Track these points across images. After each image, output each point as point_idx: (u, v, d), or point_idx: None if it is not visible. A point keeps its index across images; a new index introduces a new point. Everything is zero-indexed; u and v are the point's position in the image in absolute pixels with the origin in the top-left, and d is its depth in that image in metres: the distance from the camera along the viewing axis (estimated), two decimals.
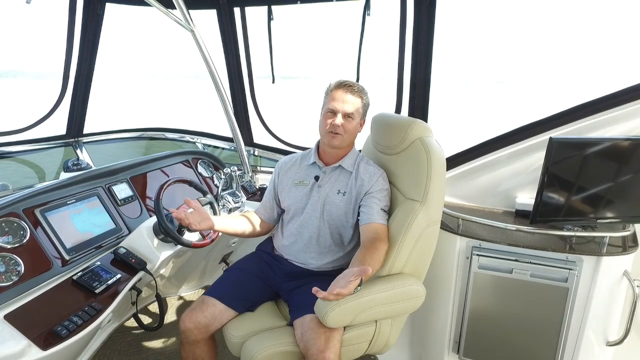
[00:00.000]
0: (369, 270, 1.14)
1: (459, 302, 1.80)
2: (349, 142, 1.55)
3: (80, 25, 2.32)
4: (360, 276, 1.15)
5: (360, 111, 1.51)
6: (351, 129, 1.50)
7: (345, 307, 1.28)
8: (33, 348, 1.22)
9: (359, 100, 1.49)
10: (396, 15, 1.96)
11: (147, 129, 3.10)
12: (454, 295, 1.81)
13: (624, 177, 1.58)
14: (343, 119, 1.47)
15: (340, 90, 1.48)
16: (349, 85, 1.49)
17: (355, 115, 1.49)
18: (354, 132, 1.53)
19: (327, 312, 1.27)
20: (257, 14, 2.29)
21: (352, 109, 1.47)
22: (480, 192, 1.99)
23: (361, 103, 1.50)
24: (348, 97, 1.47)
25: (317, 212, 1.55)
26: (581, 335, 1.66)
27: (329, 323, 1.28)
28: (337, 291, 1.13)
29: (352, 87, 1.48)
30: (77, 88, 2.52)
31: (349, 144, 1.56)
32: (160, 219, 1.65)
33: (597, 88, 2.34)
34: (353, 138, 1.56)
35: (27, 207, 1.55)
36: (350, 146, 1.58)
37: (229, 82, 2.56)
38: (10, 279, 1.36)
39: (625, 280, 1.60)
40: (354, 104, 1.48)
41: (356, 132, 1.55)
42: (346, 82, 1.50)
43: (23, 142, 2.49)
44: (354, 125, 1.50)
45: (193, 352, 1.48)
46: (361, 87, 1.52)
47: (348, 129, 1.48)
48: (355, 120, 1.50)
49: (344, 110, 1.46)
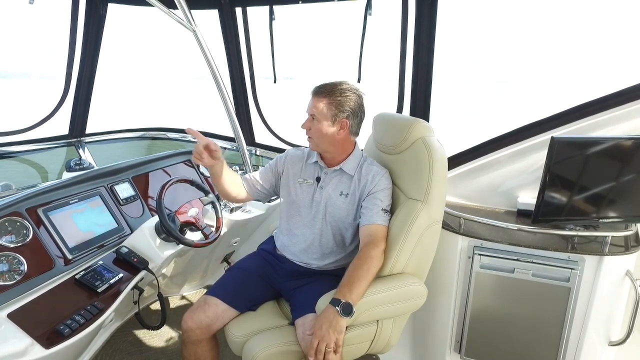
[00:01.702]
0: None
1: (461, 301, 1.80)
2: (329, 146, 1.49)
3: (83, 25, 2.33)
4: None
5: (326, 112, 1.42)
6: (317, 131, 1.45)
7: None
8: (36, 346, 1.23)
9: (324, 100, 1.43)
10: (398, 14, 1.96)
11: (149, 128, 3.11)
12: (456, 295, 1.80)
13: (627, 177, 1.57)
14: (309, 122, 1.46)
15: (311, 93, 1.47)
16: (318, 87, 1.46)
17: (319, 116, 1.43)
18: (325, 135, 1.45)
19: None
20: (259, 14, 2.30)
21: (314, 110, 1.44)
22: (482, 192, 1.99)
23: (327, 103, 1.42)
24: (314, 100, 1.45)
25: (320, 213, 1.54)
26: (583, 335, 1.65)
27: None
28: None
29: (321, 89, 1.45)
30: (80, 88, 2.53)
31: (333, 148, 1.50)
32: (162, 218, 1.65)
33: (599, 87, 2.34)
34: (331, 141, 1.47)
35: (30, 207, 1.56)
36: (344, 150, 1.52)
37: (231, 82, 2.56)
38: (13, 278, 1.37)
39: (627, 280, 1.59)
40: (317, 105, 1.43)
41: (330, 134, 1.45)
42: (320, 84, 1.47)
43: (26, 142, 2.50)
44: (319, 127, 1.44)
45: (195, 352, 1.48)
46: (337, 87, 1.44)
47: (313, 132, 1.46)
48: (321, 122, 1.43)
49: (309, 112, 1.47)
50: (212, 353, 1.52)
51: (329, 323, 1.22)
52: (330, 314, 1.23)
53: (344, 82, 1.47)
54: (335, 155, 1.53)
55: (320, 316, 1.25)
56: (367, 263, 1.32)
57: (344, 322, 1.23)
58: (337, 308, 1.23)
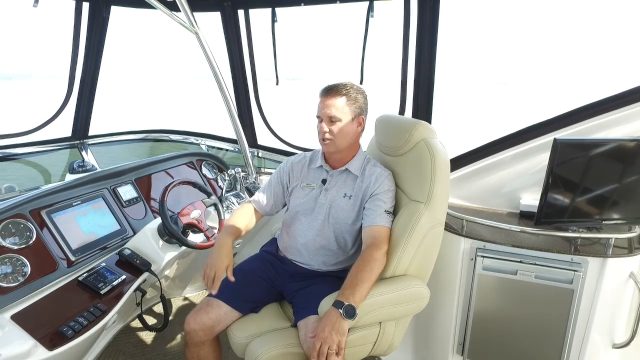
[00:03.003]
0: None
1: (464, 303, 1.80)
2: (348, 144, 1.50)
3: (86, 27, 2.34)
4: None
5: (347, 109, 1.44)
6: (340, 131, 1.45)
7: None
8: (39, 348, 1.23)
9: (342, 99, 1.44)
10: (400, 16, 1.96)
11: (152, 130, 3.12)
12: (459, 297, 1.80)
13: (630, 178, 1.57)
14: (329, 124, 1.45)
15: (323, 95, 1.47)
16: (330, 88, 1.46)
17: (340, 115, 1.43)
18: (348, 133, 1.47)
19: None
20: (261, 16, 2.30)
21: (334, 111, 1.43)
22: (484, 194, 1.99)
23: (346, 101, 1.44)
24: (330, 100, 1.44)
25: (323, 215, 1.54)
26: (587, 337, 1.65)
27: None
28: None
29: (334, 89, 1.45)
30: (83, 90, 2.53)
31: (349, 146, 1.51)
32: (165, 220, 1.66)
33: (601, 89, 2.33)
34: (351, 139, 1.50)
35: (33, 209, 1.56)
36: (353, 148, 1.54)
37: (233, 84, 2.57)
38: (16, 280, 1.38)
39: (631, 282, 1.59)
40: (336, 104, 1.43)
41: (352, 132, 1.48)
42: (329, 85, 1.47)
43: (29, 144, 2.51)
44: (342, 126, 1.45)
45: (198, 353, 1.48)
46: (347, 86, 1.45)
47: (336, 132, 1.45)
48: (343, 121, 1.44)
49: (327, 114, 1.44)
50: (215, 355, 1.52)
51: (332, 325, 1.22)
52: (332, 316, 1.23)
53: (349, 82, 1.49)
54: (346, 155, 1.54)
55: (323, 318, 1.25)
56: (370, 265, 1.32)
57: (346, 325, 1.23)
58: (339, 310, 1.23)
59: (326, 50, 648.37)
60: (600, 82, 76.68)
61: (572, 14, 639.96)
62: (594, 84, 53.33)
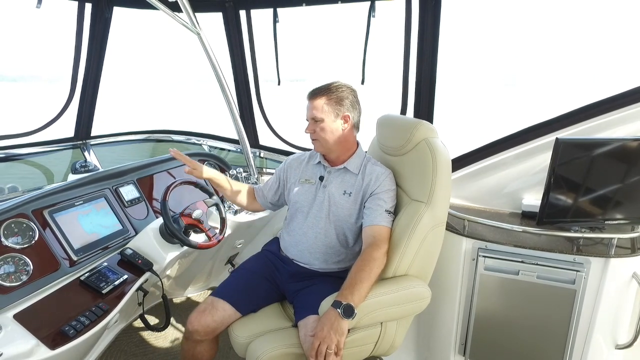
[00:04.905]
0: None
1: (465, 303, 1.79)
2: (336, 143, 1.52)
3: (89, 28, 2.35)
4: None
5: (327, 109, 1.47)
6: (324, 130, 1.49)
7: None
8: (42, 347, 1.23)
9: (322, 99, 1.48)
10: (401, 16, 1.96)
11: (154, 131, 3.13)
12: (460, 297, 1.79)
13: (633, 178, 1.56)
14: (313, 125, 1.50)
15: (307, 98, 1.52)
16: (312, 90, 1.52)
17: (321, 115, 1.47)
18: (332, 131, 1.50)
19: None
20: (263, 16, 2.31)
21: (315, 112, 1.49)
22: (486, 193, 1.98)
23: (325, 101, 1.47)
24: (311, 102, 1.51)
25: (323, 212, 1.55)
26: (589, 338, 1.64)
27: None
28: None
29: (315, 91, 1.51)
30: (85, 91, 2.54)
31: (339, 144, 1.52)
32: (167, 220, 1.66)
33: (605, 89, 2.32)
34: (339, 137, 1.51)
35: (36, 209, 1.57)
36: (348, 147, 1.55)
37: (235, 85, 2.57)
38: (19, 279, 1.38)
39: (634, 283, 1.58)
40: (316, 105, 1.48)
41: (337, 130, 1.50)
42: (312, 89, 1.52)
43: (32, 144, 2.52)
44: (324, 125, 1.48)
45: (194, 349, 1.49)
46: (330, 86, 1.49)
47: (320, 132, 1.49)
48: (325, 120, 1.48)
49: (310, 116, 1.51)
50: (211, 353, 1.53)
51: (330, 325, 1.22)
52: (331, 316, 1.23)
53: (335, 81, 1.53)
54: (340, 154, 1.56)
55: (322, 318, 1.25)
56: (370, 265, 1.32)
57: (345, 324, 1.23)
58: (338, 310, 1.23)
59: (330, 50, 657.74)
60: (607, 82, 76.18)
61: (583, 14, 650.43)
62: (601, 86, 52.95)
